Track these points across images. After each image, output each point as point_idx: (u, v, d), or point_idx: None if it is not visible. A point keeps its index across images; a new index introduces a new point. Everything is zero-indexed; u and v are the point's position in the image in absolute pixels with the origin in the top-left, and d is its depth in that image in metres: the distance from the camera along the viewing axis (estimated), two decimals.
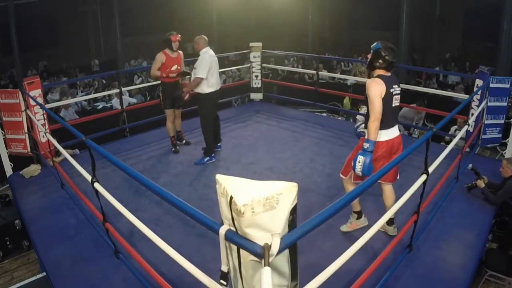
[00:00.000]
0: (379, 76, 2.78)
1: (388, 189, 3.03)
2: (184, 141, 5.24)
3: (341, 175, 3.12)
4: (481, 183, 3.67)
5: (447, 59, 12.93)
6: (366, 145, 2.67)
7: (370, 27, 14.11)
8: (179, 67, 4.79)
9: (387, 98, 2.74)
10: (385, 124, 2.78)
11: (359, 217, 3.21)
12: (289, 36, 15.32)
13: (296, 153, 4.85)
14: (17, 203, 4.06)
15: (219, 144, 4.99)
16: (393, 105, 2.82)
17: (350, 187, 3.02)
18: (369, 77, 2.92)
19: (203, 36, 4.54)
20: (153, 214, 3.52)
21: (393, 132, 2.89)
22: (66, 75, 12.98)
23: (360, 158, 2.66)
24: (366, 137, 2.75)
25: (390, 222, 3.06)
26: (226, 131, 5.02)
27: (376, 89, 2.72)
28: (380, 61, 2.78)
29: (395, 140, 2.89)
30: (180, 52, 4.85)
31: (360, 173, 2.68)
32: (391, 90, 2.78)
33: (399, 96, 2.86)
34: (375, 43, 2.82)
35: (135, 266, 2.66)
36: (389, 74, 2.83)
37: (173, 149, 5.02)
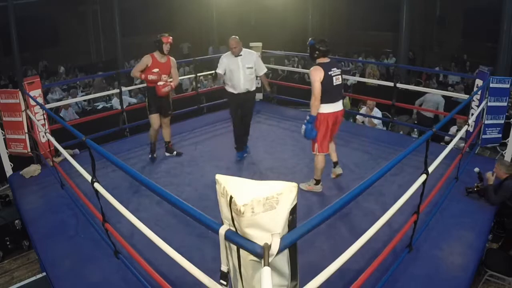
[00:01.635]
0: (319, 64, 3.47)
1: (322, 157, 3.74)
2: (175, 153, 4.82)
3: (313, 152, 3.72)
4: (491, 178, 3.62)
5: (447, 59, 12.93)
6: (307, 117, 3.53)
7: (370, 27, 14.09)
8: (162, 73, 4.31)
9: (327, 80, 3.43)
10: (331, 99, 3.50)
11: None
12: (289, 36, 15.32)
13: (296, 153, 4.85)
14: (17, 203, 4.06)
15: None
16: (335, 84, 3.49)
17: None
18: None
19: (236, 37, 4.38)
20: (153, 214, 3.52)
21: (337, 106, 3.58)
22: (66, 75, 12.97)
23: (303, 126, 3.58)
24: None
25: (317, 182, 3.83)
26: (226, 131, 5.01)
27: (316, 74, 3.41)
28: (317, 52, 3.48)
29: (339, 113, 3.61)
30: (172, 58, 4.45)
31: (305, 136, 3.61)
32: (330, 73, 3.46)
33: (339, 76, 3.54)
34: (309, 39, 3.53)
35: (135, 266, 2.66)
36: (328, 60, 3.51)
37: (150, 155, 4.72)
